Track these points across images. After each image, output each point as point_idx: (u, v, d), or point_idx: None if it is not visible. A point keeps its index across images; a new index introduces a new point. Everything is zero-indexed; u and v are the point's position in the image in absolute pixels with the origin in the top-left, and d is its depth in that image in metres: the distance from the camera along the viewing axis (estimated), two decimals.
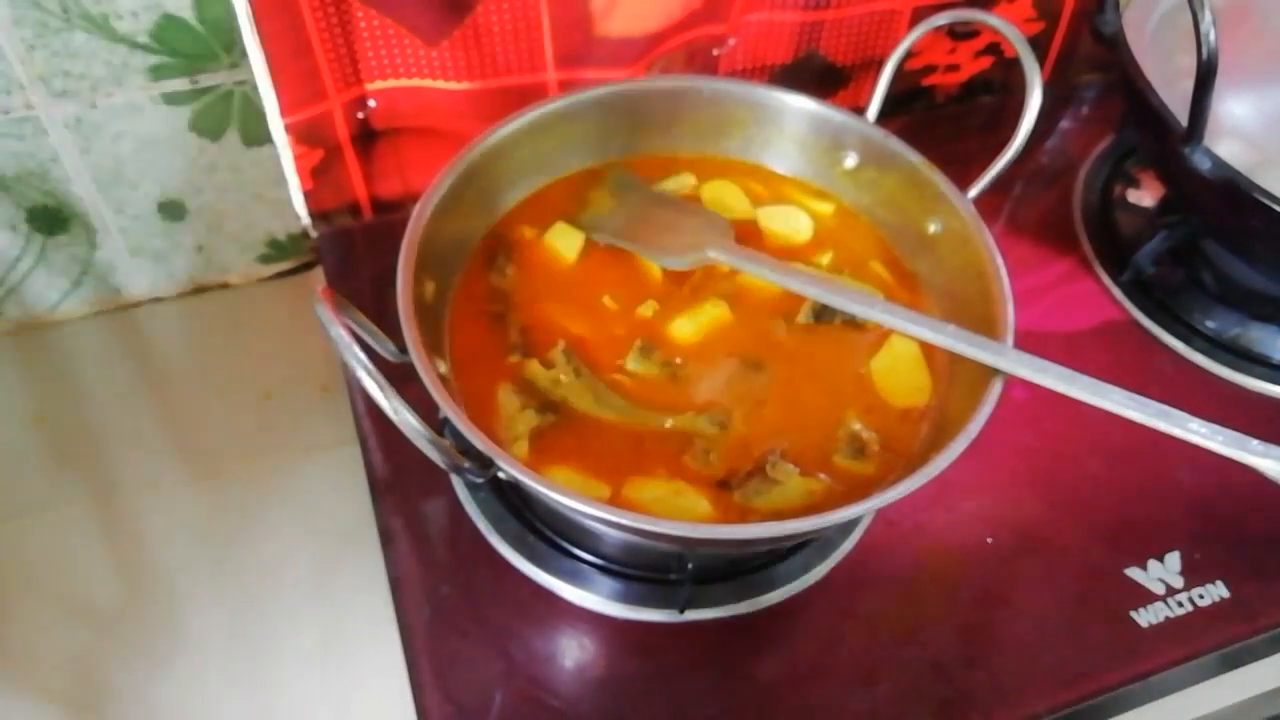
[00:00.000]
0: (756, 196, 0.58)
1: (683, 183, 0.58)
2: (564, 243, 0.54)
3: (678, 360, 0.50)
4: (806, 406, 0.49)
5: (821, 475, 0.47)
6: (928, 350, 0.51)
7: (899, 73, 0.56)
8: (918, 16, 0.70)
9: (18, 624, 0.54)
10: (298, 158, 0.62)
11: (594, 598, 0.50)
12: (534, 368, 0.48)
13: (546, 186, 0.56)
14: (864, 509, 0.41)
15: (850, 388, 0.50)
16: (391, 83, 0.62)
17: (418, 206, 0.48)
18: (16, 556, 0.57)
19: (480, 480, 0.42)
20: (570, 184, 0.57)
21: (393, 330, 0.44)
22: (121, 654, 0.53)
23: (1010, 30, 0.52)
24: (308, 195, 0.65)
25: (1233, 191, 0.55)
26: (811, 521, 0.40)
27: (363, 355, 0.38)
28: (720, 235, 0.54)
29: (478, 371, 0.49)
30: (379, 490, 0.54)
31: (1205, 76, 0.53)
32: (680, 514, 0.45)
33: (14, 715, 0.51)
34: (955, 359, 0.49)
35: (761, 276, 0.52)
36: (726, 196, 0.57)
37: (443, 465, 0.40)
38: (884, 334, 0.52)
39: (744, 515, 0.45)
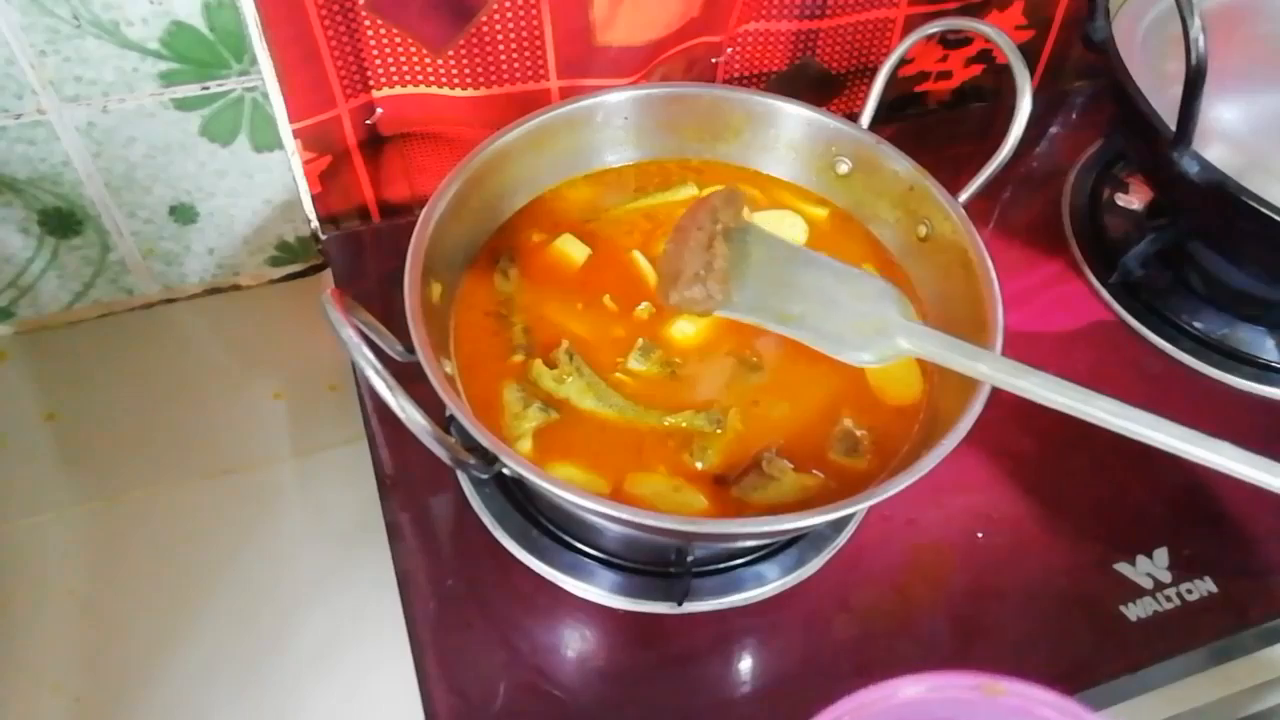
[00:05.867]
0: (753, 201, 0.58)
1: (685, 193, 0.58)
2: (572, 248, 0.55)
3: (677, 360, 0.51)
4: (802, 405, 0.50)
5: (816, 472, 0.48)
6: None
7: (892, 80, 0.57)
8: (911, 25, 0.71)
9: (27, 621, 0.54)
10: (306, 163, 0.63)
11: (595, 590, 0.51)
12: (538, 367, 0.49)
13: (549, 191, 0.57)
14: (857, 505, 0.41)
15: (844, 386, 0.51)
16: (398, 90, 0.63)
17: (424, 210, 0.49)
18: (27, 553, 0.57)
19: (485, 476, 0.43)
20: (572, 188, 0.58)
21: (400, 331, 0.45)
22: (130, 650, 0.54)
23: (1001, 38, 0.53)
24: (316, 199, 0.65)
25: (1221, 194, 0.56)
26: (806, 517, 0.41)
27: (371, 355, 0.39)
28: (900, 311, 0.46)
29: (483, 371, 0.50)
30: (386, 486, 0.55)
31: (1194, 82, 0.53)
32: (679, 509, 0.46)
33: (22, 712, 0.52)
34: None
35: (976, 374, 0.44)
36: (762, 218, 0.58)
37: (448, 462, 0.41)
38: None
39: (740, 510, 0.46)
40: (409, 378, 0.40)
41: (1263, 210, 0.55)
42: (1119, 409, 0.41)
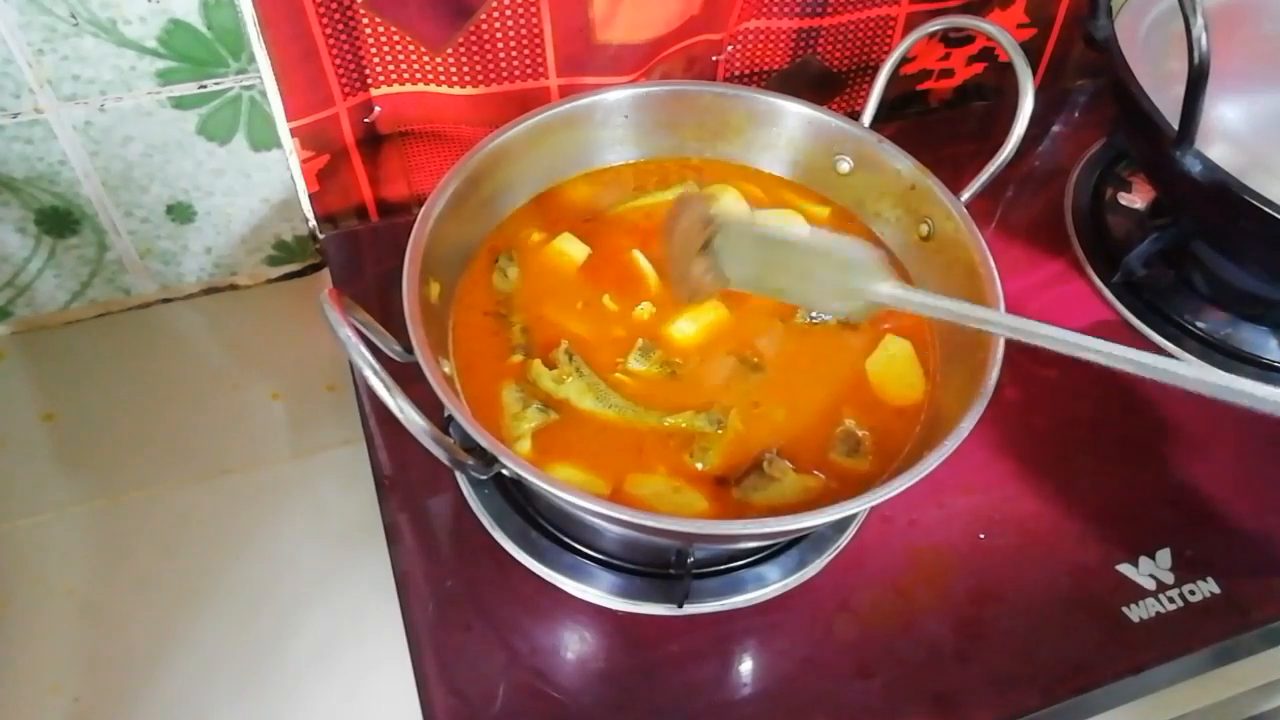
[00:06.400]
0: (755, 200, 0.58)
1: (686, 191, 0.58)
2: (571, 247, 0.55)
3: (677, 360, 0.51)
4: (803, 405, 0.50)
5: (817, 472, 0.48)
6: (921, 350, 0.52)
7: (894, 78, 0.57)
8: (912, 23, 0.71)
9: (27, 621, 0.54)
10: (304, 161, 0.63)
11: (595, 592, 0.51)
12: (537, 367, 0.49)
13: (549, 190, 0.57)
14: (858, 506, 0.41)
15: (846, 387, 0.51)
16: (397, 88, 0.63)
17: (423, 209, 0.49)
18: (25, 554, 0.57)
19: (484, 477, 0.42)
20: (571, 187, 0.58)
21: (398, 330, 0.45)
22: (130, 650, 0.54)
23: (1004, 36, 0.53)
24: (314, 198, 0.65)
25: (1223, 194, 0.56)
26: (807, 518, 0.41)
27: (369, 355, 0.39)
28: (876, 275, 0.45)
29: (482, 371, 0.50)
30: (385, 487, 0.55)
31: (1196, 80, 0.54)
32: (679, 510, 0.46)
33: (22, 713, 0.51)
34: (948, 359, 0.49)
35: (948, 317, 0.43)
36: (725, 201, 0.58)
37: (447, 463, 0.41)
38: (878, 334, 0.52)
39: (741, 511, 0.46)
40: (407, 378, 0.40)
41: (1265, 209, 0.55)
42: (1087, 342, 0.39)
